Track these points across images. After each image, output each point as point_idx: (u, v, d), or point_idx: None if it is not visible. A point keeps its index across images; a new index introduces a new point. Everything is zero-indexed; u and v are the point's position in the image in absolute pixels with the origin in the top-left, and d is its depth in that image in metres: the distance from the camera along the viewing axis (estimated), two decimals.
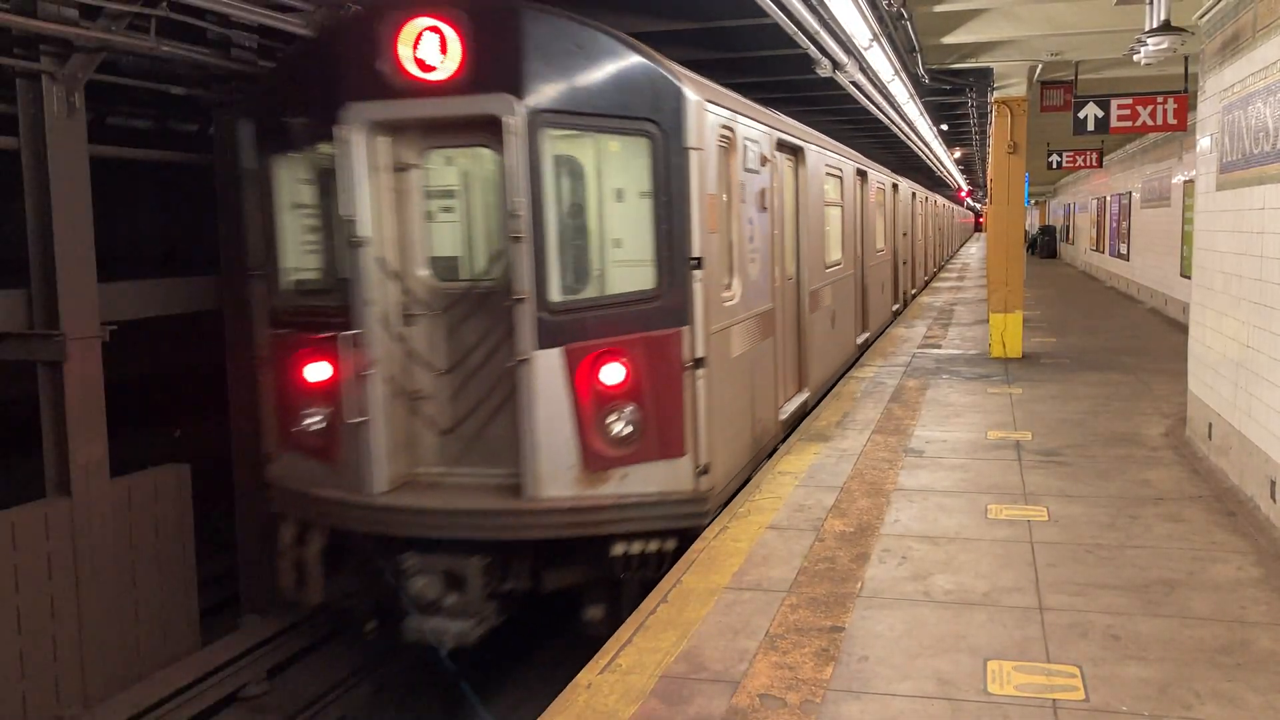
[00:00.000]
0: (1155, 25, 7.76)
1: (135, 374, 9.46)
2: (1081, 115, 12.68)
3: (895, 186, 19.47)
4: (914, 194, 23.61)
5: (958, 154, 29.74)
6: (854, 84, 10.86)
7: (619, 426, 6.28)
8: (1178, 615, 4.99)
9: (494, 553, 6.33)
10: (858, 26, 8.23)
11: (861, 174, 14.34)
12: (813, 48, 8.79)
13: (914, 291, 23.97)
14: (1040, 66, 12.56)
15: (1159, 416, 9.75)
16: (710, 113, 6.74)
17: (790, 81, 12.72)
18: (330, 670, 8.12)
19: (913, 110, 14.63)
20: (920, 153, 24.59)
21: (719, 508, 6.84)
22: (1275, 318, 6.42)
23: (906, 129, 17.80)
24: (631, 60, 6.27)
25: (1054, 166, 21.86)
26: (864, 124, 18.14)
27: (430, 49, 6.21)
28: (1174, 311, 18.26)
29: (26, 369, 6.98)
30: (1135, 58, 8.21)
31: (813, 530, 6.42)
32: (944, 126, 20.84)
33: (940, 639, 4.77)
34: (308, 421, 6.62)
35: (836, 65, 9.53)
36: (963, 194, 53.75)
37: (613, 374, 6.27)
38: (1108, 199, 28.47)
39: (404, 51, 6.24)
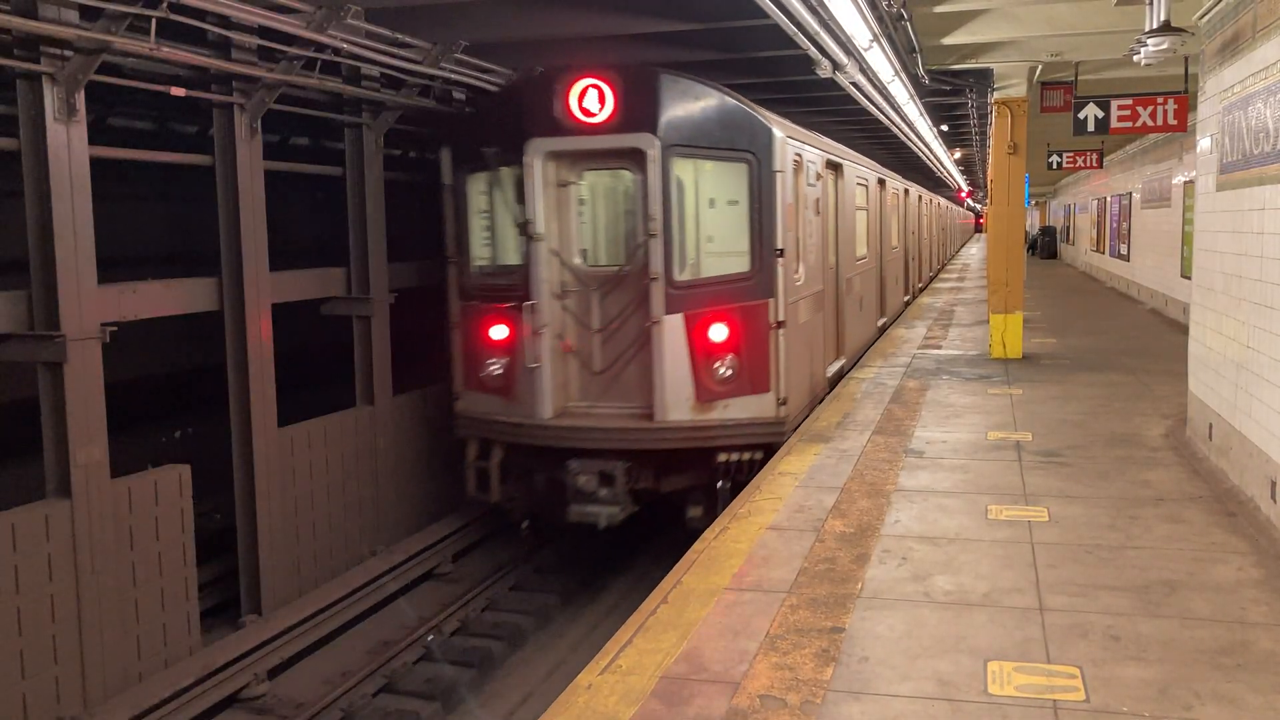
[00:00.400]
0: (1155, 26, 7.75)
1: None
2: (1081, 116, 12.66)
3: (907, 191, 22.22)
4: (920, 197, 26.23)
5: (958, 154, 29.69)
6: (854, 85, 10.82)
7: (722, 370, 8.65)
8: (1178, 616, 4.99)
9: (632, 460, 8.61)
10: (858, 27, 8.21)
11: (881, 182, 16.82)
12: (813, 48, 8.78)
13: (920, 286, 26.37)
14: (1040, 67, 12.54)
15: (1159, 417, 9.74)
16: (789, 145, 9.10)
17: (791, 82, 12.70)
18: (330, 670, 8.12)
19: (913, 111, 14.60)
20: (920, 153, 24.55)
21: (790, 431, 9.15)
22: (1275, 318, 6.42)
23: (907, 129, 17.76)
24: (736, 109, 8.77)
25: (1054, 167, 21.84)
26: (864, 124, 18.09)
27: (592, 100, 8.59)
28: (1174, 312, 18.26)
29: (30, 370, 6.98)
30: (1135, 58, 8.20)
31: (813, 531, 6.42)
32: (944, 127, 20.78)
33: (940, 640, 4.77)
34: (491, 368, 9.05)
35: (837, 66, 9.51)
36: (963, 194, 53.66)
37: (719, 333, 8.64)
38: (1108, 199, 28.46)
39: (572, 102, 8.62)
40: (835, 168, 11.92)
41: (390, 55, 9.07)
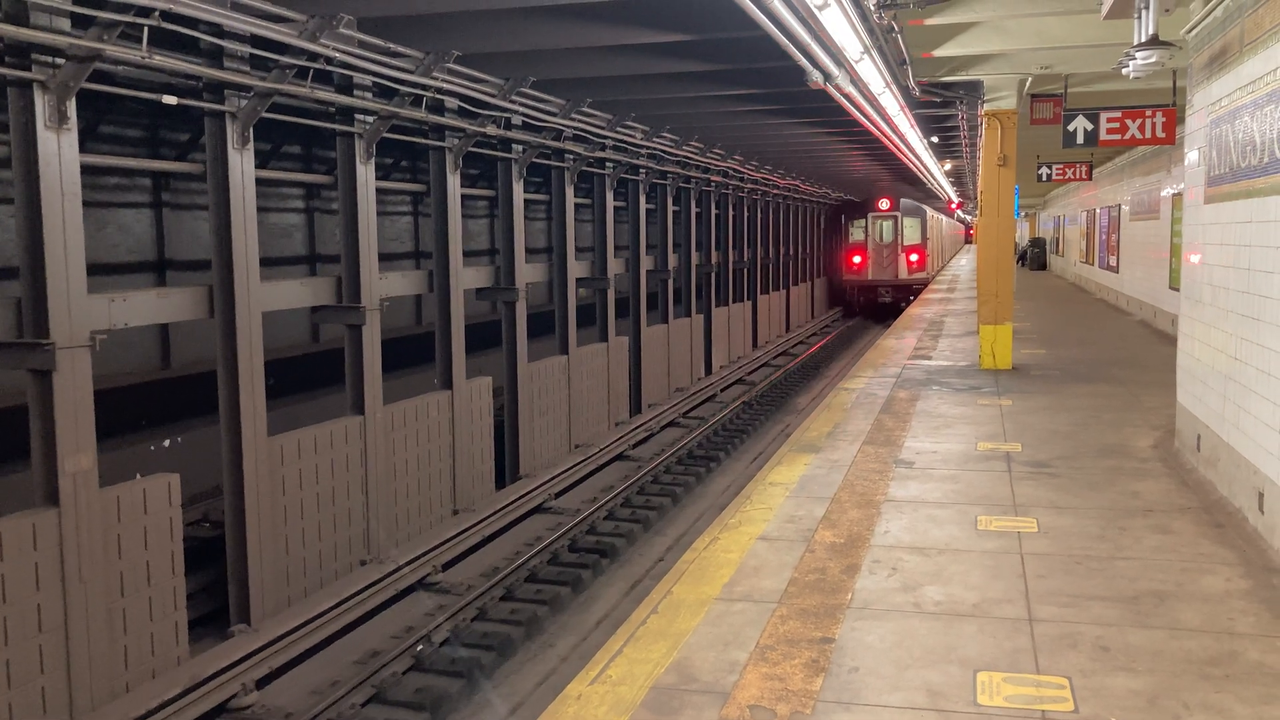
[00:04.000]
0: (1144, 39, 7.79)
1: None
2: (1071, 128, 12.74)
3: (937, 218, 45.68)
4: (932, 215, 44.89)
5: (948, 166, 29.83)
6: (845, 96, 10.88)
7: (915, 265, 39.04)
8: (1167, 627, 5.01)
9: (890, 288, 39.81)
10: (848, 39, 8.26)
11: (936, 216, 44.85)
12: (804, 60, 8.82)
13: (937, 270, 45.31)
14: (1030, 80, 12.62)
15: (1148, 428, 9.78)
16: (930, 212, 42.35)
17: (783, 93, 12.75)
18: (321, 679, 8.07)
19: (903, 122, 14.67)
20: (911, 165, 24.67)
21: (931, 281, 40.00)
22: (1262, 330, 6.46)
23: (897, 141, 17.84)
24: (918, 204, 40.21)
25: (1044, 179, 21.97)
26: (855, 135, 18.19)
27: (884, 202, 39.17)
28: (1163, 323, 18.34)
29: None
30: (1124, 71, 8.24)
31: (803, 541, 6.43)
32: (934, 139, 20.88)
33: (930, 650, 4.77)
34: (855, 266, 39.65)
35: (827, 77, 9.56)
36: (953, 206, 53.93)
37: (915, 257, 39.23)
38: (1097, 211, 28.61)
39: (878, 203, 39.45)
40: (931, 215, 40.69)
41: (382, 65, 9.08)
